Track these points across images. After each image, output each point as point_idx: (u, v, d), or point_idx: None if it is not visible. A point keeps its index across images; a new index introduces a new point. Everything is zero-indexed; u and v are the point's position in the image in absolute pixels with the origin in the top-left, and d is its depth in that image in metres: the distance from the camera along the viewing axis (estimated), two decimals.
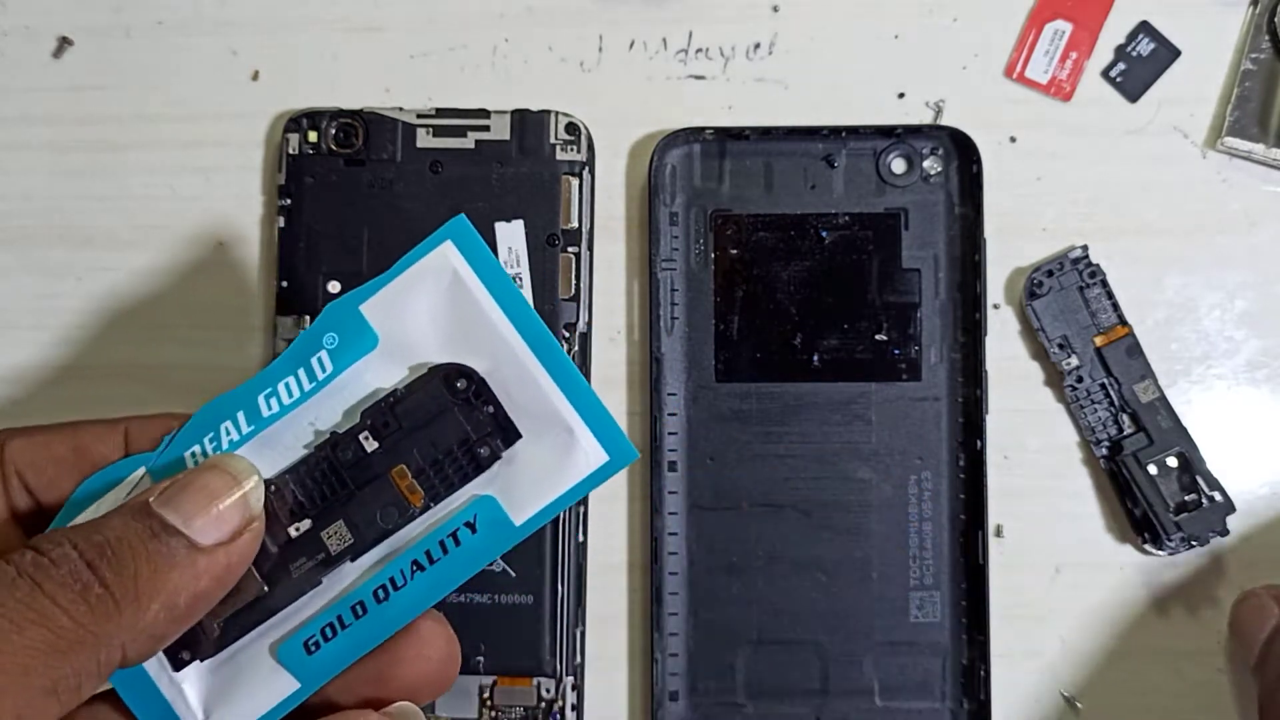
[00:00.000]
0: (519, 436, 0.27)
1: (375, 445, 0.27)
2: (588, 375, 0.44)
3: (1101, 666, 0.43)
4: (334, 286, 0.44)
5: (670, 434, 0.43)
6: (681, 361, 0.44)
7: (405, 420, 0.27)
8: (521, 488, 0.27)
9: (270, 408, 0.27)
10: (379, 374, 0.27)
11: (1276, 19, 0.44)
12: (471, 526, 0.27)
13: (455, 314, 0.27)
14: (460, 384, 0.27)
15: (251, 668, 0.27)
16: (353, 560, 0.27)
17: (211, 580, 0.25)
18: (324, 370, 0.27)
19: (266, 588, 0.27)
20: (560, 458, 0.27)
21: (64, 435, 0.28)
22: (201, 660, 0.27)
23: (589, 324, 0.44)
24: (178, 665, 0.27)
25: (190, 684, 0.27)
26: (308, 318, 0.44)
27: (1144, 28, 0.45)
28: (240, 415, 0.27)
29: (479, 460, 0.27)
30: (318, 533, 0.27)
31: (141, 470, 0.27)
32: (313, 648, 0.27)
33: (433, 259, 0.27)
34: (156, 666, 0.27)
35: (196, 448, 0.27)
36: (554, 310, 0.44)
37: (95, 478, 0.27)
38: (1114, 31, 0.45)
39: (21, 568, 0.22)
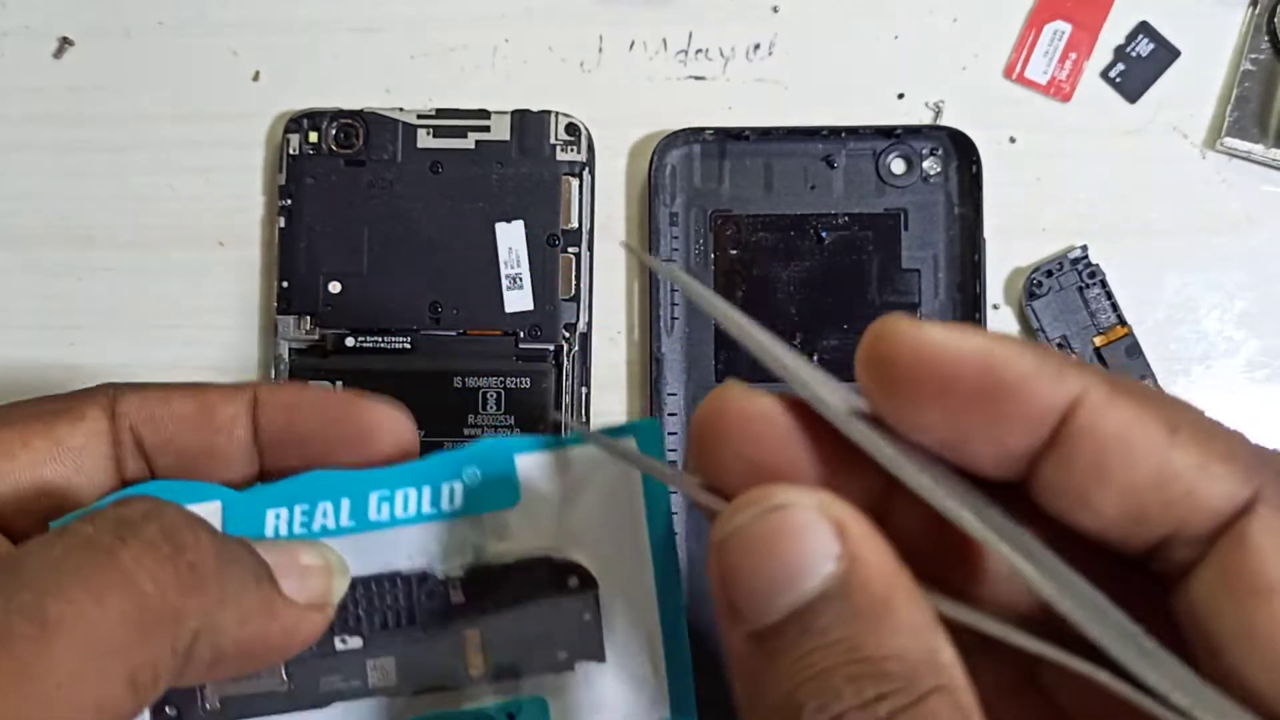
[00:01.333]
0: (602, 659, 0.25)
1: (461, 600, 0.25)
2: (588, 376, 0.44)
3: None
4: (334, 287, 0.44)
5: (670, 434, 0.43)
6: (681, 361, 0.44)
7: (500, 590, 0.25)
8: (578, 706, 0.25)
9: (380, 513, 0.24)
10: (502, 526, 0.25)
11: (1276, 19, 0.44)
12: (512, 718, 0.25)
13: (604, 511, 0.25)
14: (572, 581, 0.25)
15: None
16: (386, 698, 0.25)
17: (279, 634, 0.22)
18: (452, 503, 0.25)
19: (289, 685, 0.25)
20: (627, 694, 0.25)
21: (187, 392, 0.25)
22: None
23: (589, 324, 0.44)
24: (156, 715, 0.25)
25: None
26: (308, 318, 0.44)
27: (1143, 28, 0.45)
28: (345, 504, 0.24)
29: (552, 662, 0.25)
30: (364, 658, 0.25)
31: (217, 504, 0.24)
32: None
33: (609, 447, 0.25)
34: None
35: (284, 511, 0.24)
36: (554, 310, 0.44)
37: (157, 487, 0.24)
38: (1113, 32, 0.45)
39: (101, 525, 0.20)
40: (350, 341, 0.44)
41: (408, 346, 0.44)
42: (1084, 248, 0.43)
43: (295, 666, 0.25)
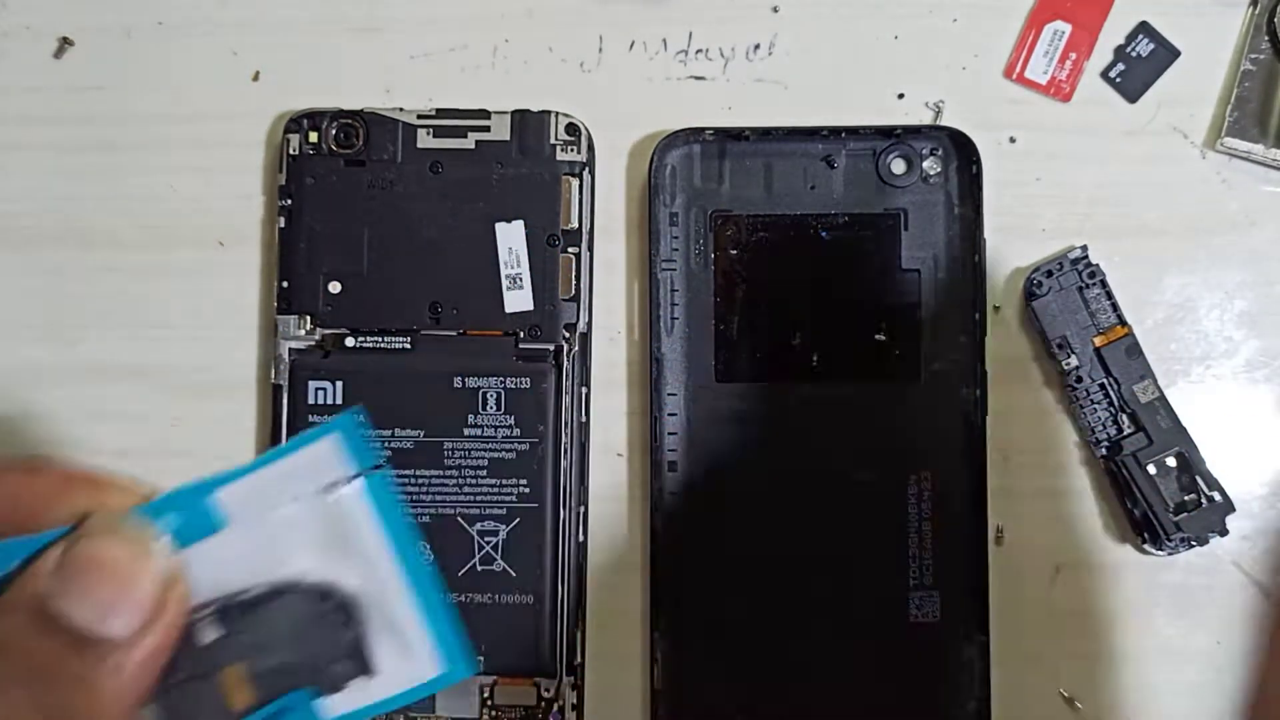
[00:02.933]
0: (370, 673, 0.25)
1: (216, 636, 0.25)
2: (588, 376, 0.44)
3: (1101, 666, 0.43)
4: (334, 287, 0.44)
5: (670, 434, 0.43)
6: (681, 361, 0.44)
7: (258, 623, 0.25)
8: (350, 700, 0.25)
9: None
10: (228, 561, 0.25)
11: (1276, 19, 0.44)
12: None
13: (327, 518, 0.25)
14: (325, 602, 0.25)
15: None
16: None
17: (145, 673, 0.21)
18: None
19: None
20: (394, 663, 0.25)
21: None
22: None
23: (589, 324, 0.44)
24: None
25: None
26: (308, 318, 0.44)
27: (1143, 28, 0.45)
28: None
29: (322, 681, 0.25)
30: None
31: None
32: None
33: (312, 448, 0.25)
34: None
35: None
36: (554, 310, 0.44)
37: None
38: (1113, 32, 0.45)
39: None
40: (350, 341, 0.44)
41: (408, 346, 0.44)
42: (1084, 248, 0.43)
43: None
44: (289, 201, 0.44)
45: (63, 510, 0.22)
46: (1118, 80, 0.45)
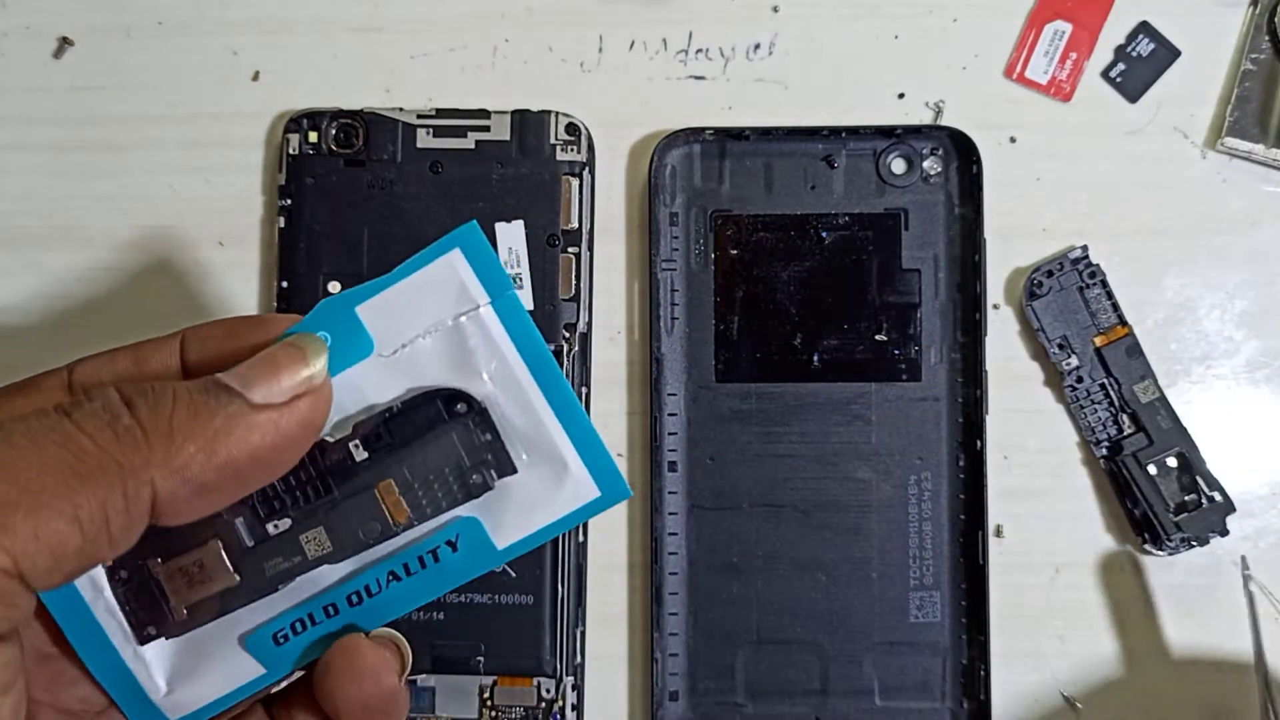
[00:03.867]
0: (514, 471, 0.27)
1: (364, 456, 0.26)
2: (588, 376, 0.44)
3: (1101, 666, 0.43)
4: (334, 286, 0.44)
5: (670, 434, 0.43)
6: (681, 361, 0.44)
7: (398, 436, 0.26)
8: (508, 513, 0.27)
9: None
10: (373, 383, 0.26)
11: (1276, 19, 0.44)
12: (453, 545, 0.26)
13: (458, 329, 0.26)
14: (459, 407, 0.26)
15: (218, 651, 0.27)
16: (329, 565, 0.27)
17: (263, 438, 0.24)
18: None
19: (239, 578, 0.27)
20: (551, 489, 0.26)
21: (127, 350, 0.27)
22: (167, 638, 0.27)
23: (589, 324, 0.44)
24: (143, 640, 0.27)
25: (154, 658, 0.27)
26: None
27: (1144, 28, 0.45)
28: None
29: (470, 488, 0.27)
30: (296, 535, 0.26)
31: None
32: (281, 640, 0.27)
33: (438, 267, 0.26)
34: (121, 638, 0.27)
35: None
36: (554, 310, 0.44)
37: None
38: (1114, 32, 0.45)
39: (59, 405, 0.22)
40: None
41: None
42: (1084, 248, 0.43)
43: (238, 560, 0.26)
44: (289, 201, 0.44)
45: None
46: (1118, 80, 0.45)
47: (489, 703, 0.43)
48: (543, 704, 0.43)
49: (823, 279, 0.44)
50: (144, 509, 0.22)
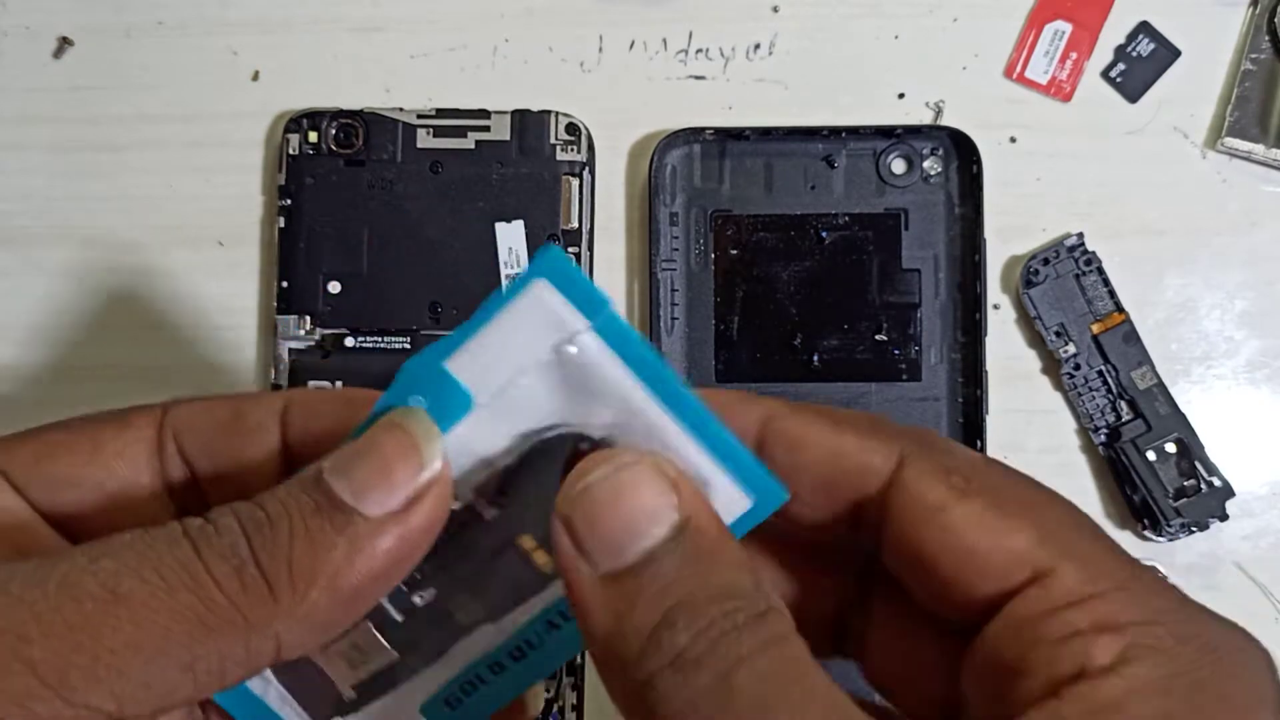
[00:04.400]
0: None
1: (494, 514, 0.24)
2: None
3: None
4: (334, 287, 0.44)
5: None
6: (681, 361, 0.44)
7: (524, 488, 0.24)
8: None
9: None
10: (481, 436, 0.24)
11: (1276, 19, 0.44)
12: None
13: (561, 359, 0.23)
14: (584, 446, 0.24)
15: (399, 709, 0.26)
16: (486, 625, 0.25)
17: (383, 557, 0.22)
18: None
19: (397, 654, 0.25)
20: None
21: (226, 401, 0.26)
22: (342, 718, 0.26)
23: None
24: None
25: None
26: (308, 318, 0.44)
27: (1144, 28, 0.45)
28: None
29: None
30: (444, 604, 0.25)
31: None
32: (454, 703, 0.26)
33: (526, 301, 0.23)
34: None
35: None
36: None
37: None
38: (1114, 32, 0.45)
39: (188, 529, 0.21)
40: (350, 341, 0.44)
41: (408, 346, 0.44)
42: (1080, 235, 0.43)
43: (393, 636, 0.25)
44: (289, 201, 0.44)
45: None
46: (1118, 80, 0.45)
47: None
48: (543, 704, 0.43)
49: (823, 279, 0.44)
50: (266, 659, 0.21)
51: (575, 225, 0.44)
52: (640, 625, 0.20)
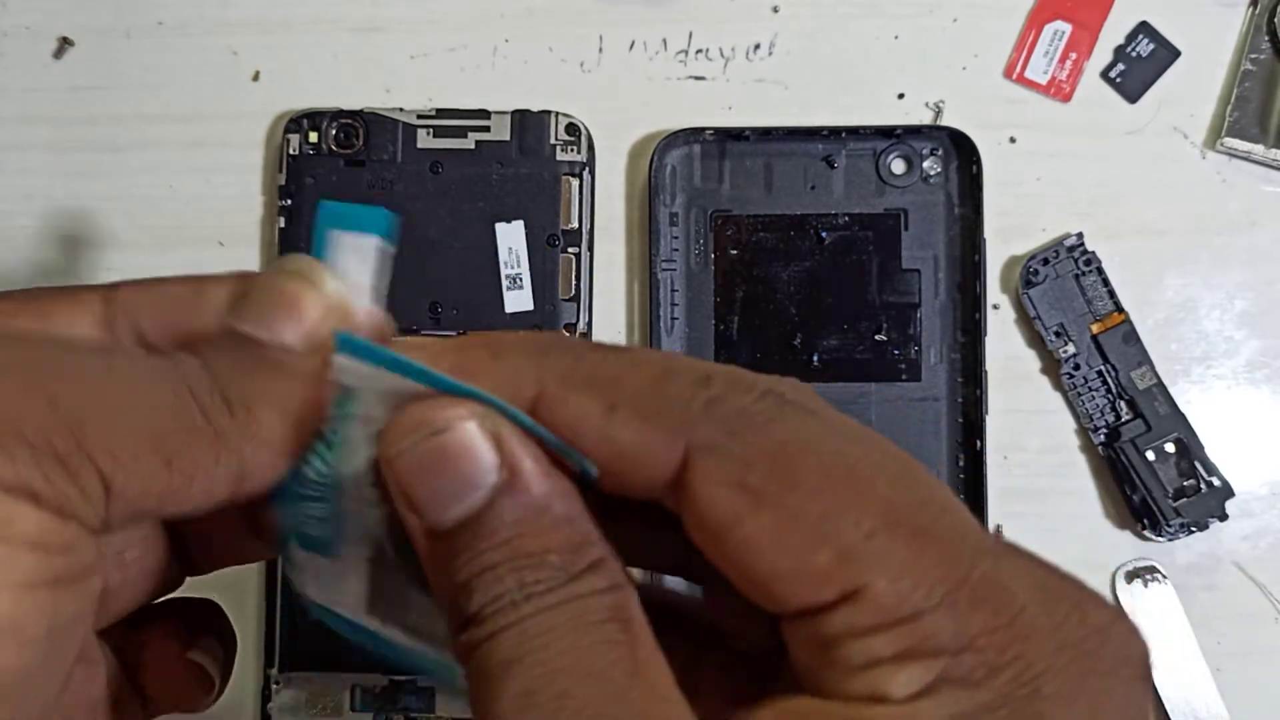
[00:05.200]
0: None
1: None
2: None
3: None
4: None
5: None
6: None
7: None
8: None
9: None
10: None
11: (1276, 19, 0.44)
12: None
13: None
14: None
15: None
16: None
17: (309, 374, 0.23)
18: None
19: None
20: None
21: (184, 281, 0.27)
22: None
23: (589, 324, 0.44)
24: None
25: None
26: None
27: (1144, 28, 0.45)
28: None
29: None
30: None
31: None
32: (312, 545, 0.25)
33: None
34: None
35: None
36: (554, 310, 0.44)
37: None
38: (1114, 32, 0.45)
39: (166, 354, 0.23)
40: None
41: None
42: (1079, 235, 0.43)
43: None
44: (289, 201, 0.44)
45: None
46: (1118, 80, 0.45)
47: None
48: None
49: (823, 279, 0.44)
50: (232, 474, 0.22)
51: (575, 225, 0.44)
52: (455, 583, 0.20)
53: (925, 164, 0.44)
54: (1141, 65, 0.45)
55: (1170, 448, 0.43)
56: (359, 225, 0.28)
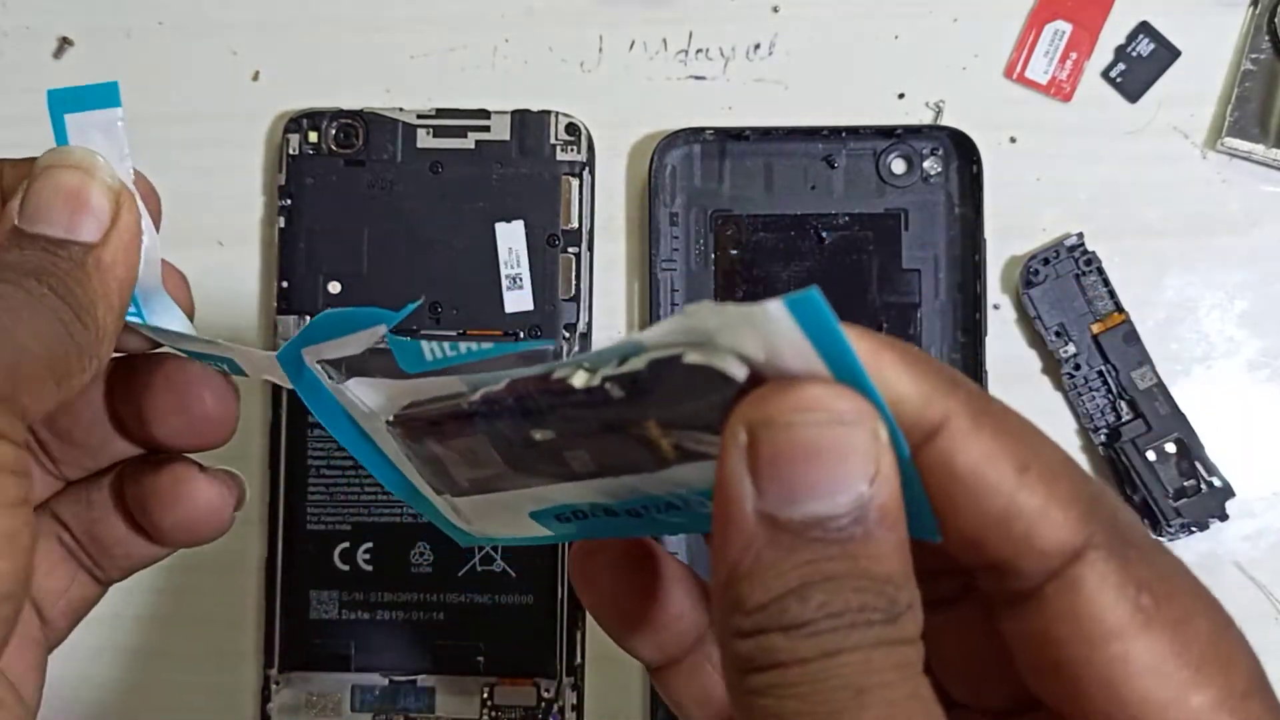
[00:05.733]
0: None
1: (622, 395, 0.23)
2: None
3: None
4: (334, 287, 0.44)
5: None
6: None
7: (666, 384, 0.23)
8: None
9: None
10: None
11: (1276, 19, 0.44)
12: None
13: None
14: (732, 367, 0.22)
15: (507, 515, 0.27)
16: (596, 480, 0.25)
17: (123, 264, 0.26)
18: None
19: (510, 469, 0.26)
20: None
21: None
22: (454, 497, 0.28)
23: (589, 324, 0.44)
24: (436, 494, 0.28)
25: (450, 504, 0.28)
26: (308, 318, 0.44)
27: (1144, 28, 0.45)
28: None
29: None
30: (561, 449, 0.25)
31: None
32: (565, 520, 0.27)
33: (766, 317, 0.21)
34: (419, 481, 0.28)
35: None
36: (554, 310, 0.44)
37: None
38: (1114, 32, 0.45)
39: (26, 288, 0.24)
40: None
41: None
42: (1080, 235, 0.43)
43: (507, 453, 0.26)
44: (289, 201, 0.44)
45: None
46: (1118, 80, 0.45)
47: (489, 703, 0.43)
48: (543, 704, 0.43)
49: (823, 279, 0.44)
50: (92, 374, 0.24)
51: (575, 225, 0.44)
52: (775, 582, 0.18)
53: (925, 164, 0.44)
54: (1142, 65, 0.45)
55: (1171, 448, 0.43)
56: (93, 103, 0.29)
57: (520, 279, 0.44)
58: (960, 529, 0.20)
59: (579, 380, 0.24)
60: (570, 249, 0.44)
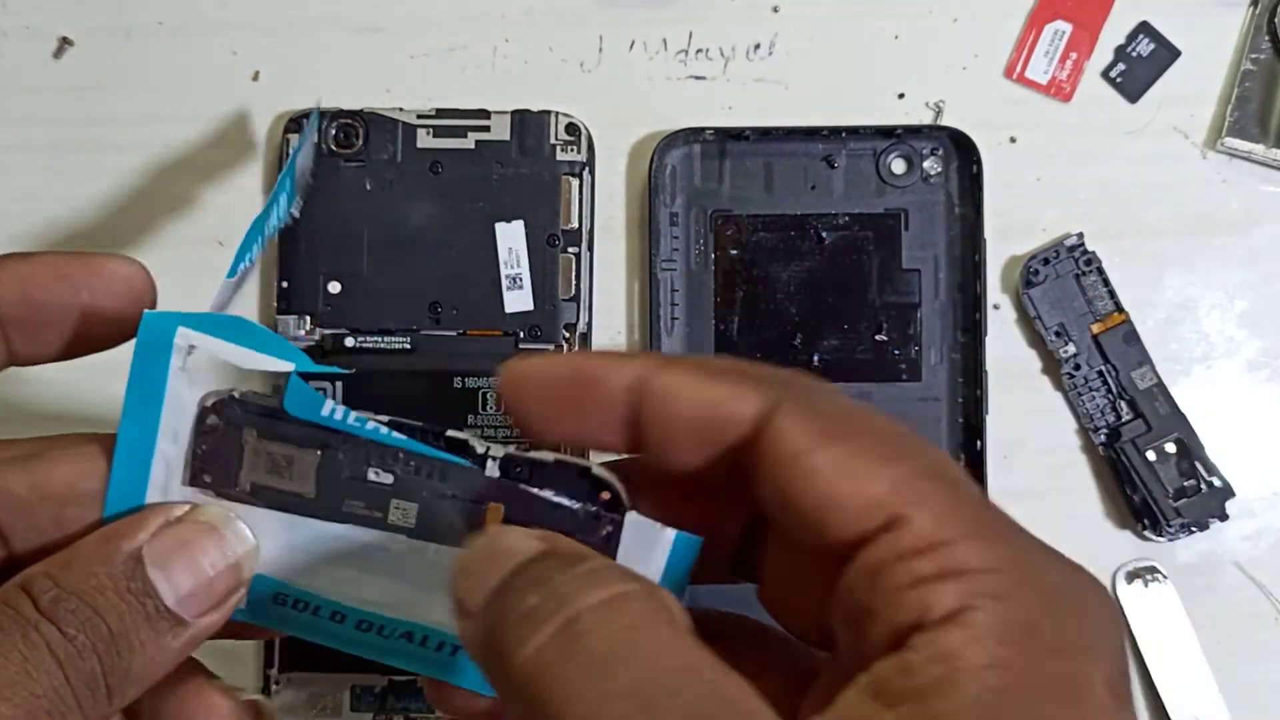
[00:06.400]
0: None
1: (495, 475, 0.25)
2: None
3: None
4: (334, 287, 0.44)
5: None
6: None
7: (534, 480, 0.25)
8: None
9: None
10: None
11: (1276, 19, 0.44)
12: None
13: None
14: (604, 495, 0.25)
15: (269, 536, 0.26)
16: (407, 537, 0.26)
17: (187, 652, 0.25)
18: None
19: (315, 494, 0.26)
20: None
21: (49, 258, 0.29)
22: (213, 495, 0.26)
23: (589, 324, 0.44)
24: (190, 481, 0.26)
25: (182, 496, 0.26)
26: (308, 318, 0.44)
27: (1144, 28, 0.45)
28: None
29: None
30: (390, 496, 0.26)
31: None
32: (280, 602, 0.26)
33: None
34: (164, 466, 0.26)
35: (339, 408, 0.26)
36: (554, 310, 0.44)
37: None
38: (1114, 32, 0.45)
39: (51, 645, 0.23)
40: (350, 342, 0.44)
41: (408, 347, 0.44)
42: (1080, 235, 0.43)
43: (326, 480, 0.26)
44: None
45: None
46: (1118, 80, 0.45)
47: None
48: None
49: (823, 279, 0.44)
50: None
51: (575, 225, 0.44)
52: (499, 609, 0.22)
53: (925, 164, 0.44)
54: (1142, 65, 0.45)
55: (1171, 448, 0.43)
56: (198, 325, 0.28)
57: (520, 279, 0.44)
58: (694, 446, 0.24)
59: (479, 446, 0.26)
60: (570, 249, 0.44)
